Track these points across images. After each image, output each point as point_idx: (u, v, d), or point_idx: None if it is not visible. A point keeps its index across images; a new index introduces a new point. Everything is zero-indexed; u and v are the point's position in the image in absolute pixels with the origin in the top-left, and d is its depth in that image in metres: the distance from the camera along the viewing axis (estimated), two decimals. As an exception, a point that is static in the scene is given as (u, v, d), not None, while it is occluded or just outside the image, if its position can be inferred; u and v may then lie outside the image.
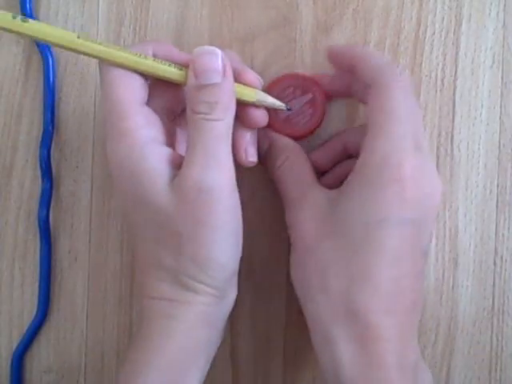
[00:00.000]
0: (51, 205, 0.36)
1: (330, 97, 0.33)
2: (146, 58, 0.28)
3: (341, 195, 0.29)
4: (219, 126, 0.28)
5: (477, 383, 0.34)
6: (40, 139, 0.35)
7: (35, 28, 0.27)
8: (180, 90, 0.31)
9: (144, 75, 0.29)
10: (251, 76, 0.30)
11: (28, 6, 0.35)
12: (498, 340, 0.34)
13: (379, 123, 0.28)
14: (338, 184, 0.30)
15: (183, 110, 0.32)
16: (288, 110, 0.32)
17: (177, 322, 0.28)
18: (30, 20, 0.27)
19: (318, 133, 0.34)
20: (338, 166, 0.33)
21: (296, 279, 0.30)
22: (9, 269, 0.36)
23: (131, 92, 0.28)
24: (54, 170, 0.35)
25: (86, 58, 0.28)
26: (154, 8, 0.35)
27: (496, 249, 0.34)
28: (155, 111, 0.29)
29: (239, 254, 0.29)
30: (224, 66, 0.28)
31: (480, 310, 0.34)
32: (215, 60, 0.28)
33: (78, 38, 0.28)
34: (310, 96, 0.33)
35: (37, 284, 0.36)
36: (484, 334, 0.34)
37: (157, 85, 0.30)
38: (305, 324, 0.29)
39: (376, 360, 0.27)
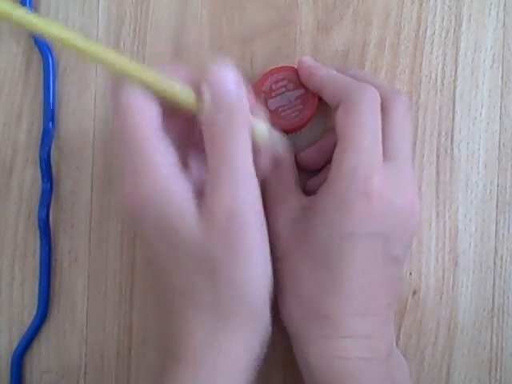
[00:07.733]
0: (51, 205, 0.35)
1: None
2: (172, 80, 0.26)
3: (315, 206, 0.29)
4: (239, 142, 0.26)
5: (477, 383, 0.34)
6: (40, 139, 0.35)
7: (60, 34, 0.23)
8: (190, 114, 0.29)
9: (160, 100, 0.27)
10: (262, 113, 0.29)
11: (28, 5, 0.35)
12: (497, 340, 0.34)
13: (347, 136, 0.28)
14: None
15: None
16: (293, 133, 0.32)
17: (222, 356, 0.27)
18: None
19: (313, 130, 0.34)
20: (328, 167, 0.33)
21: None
22: (9, 269, 0.36)
23: (152, 121, 0.26)
24: (53, 170, 0.35)
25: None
26: (154, 8, 0.35)
27: (496, 249, 0.34)
28: (168, 135, 0.27)
29: (270, 270, 0.28)
30: (238, 80, 0.27)
31: (480, 310, 0.34)
32: (228, 73, 0.27)
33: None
34: (302, 91, 0.32)
35: (37, 284, 0.35)
36: (484, 334, 0.34)
37: (168, 108, 0.28)
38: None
39: (344, 353, 0.28)
